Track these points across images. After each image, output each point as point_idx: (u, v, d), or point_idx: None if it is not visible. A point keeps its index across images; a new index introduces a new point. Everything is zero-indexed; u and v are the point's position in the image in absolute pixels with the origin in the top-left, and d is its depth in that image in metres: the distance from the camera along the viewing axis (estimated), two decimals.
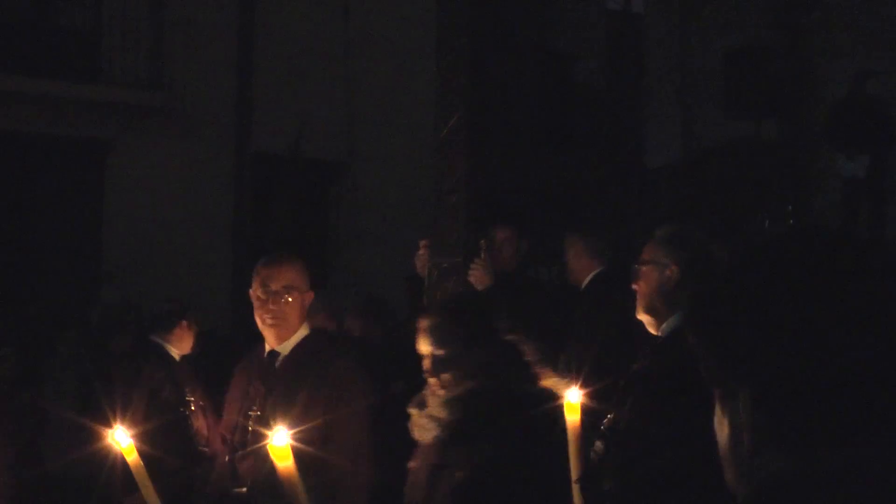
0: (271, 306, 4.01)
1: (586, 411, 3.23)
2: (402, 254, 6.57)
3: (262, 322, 4.07)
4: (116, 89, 13.54)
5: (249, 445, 3.91)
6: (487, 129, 19.23)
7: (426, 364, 3.75)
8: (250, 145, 14.31)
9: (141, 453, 3.26)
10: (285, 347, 4.07)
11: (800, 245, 1.41)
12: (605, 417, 3.45)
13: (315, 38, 14.42)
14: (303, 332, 4.10)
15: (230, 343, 9.80)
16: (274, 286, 4.03)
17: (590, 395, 3.40)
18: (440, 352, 3.71)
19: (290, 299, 4.01)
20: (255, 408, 3.97)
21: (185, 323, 6.54)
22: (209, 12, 14.22)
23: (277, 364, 4.06)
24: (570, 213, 18.34)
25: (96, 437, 4.75)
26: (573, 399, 3.35)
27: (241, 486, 3.91)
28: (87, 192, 13.74)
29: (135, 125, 13.74)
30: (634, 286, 3.60)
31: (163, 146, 13.90)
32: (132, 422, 5.14)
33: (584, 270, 5.52)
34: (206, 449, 6.04)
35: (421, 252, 5.46)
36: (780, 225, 12.03)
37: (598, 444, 3.39)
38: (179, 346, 6.54)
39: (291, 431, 2.70)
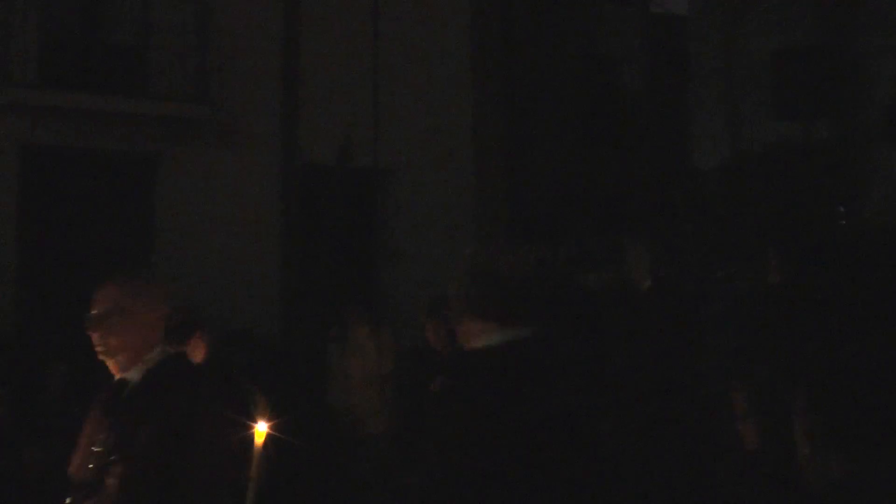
0: (92, 333, 3.67)
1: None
2: (451, 260, 6.53)
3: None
4: (164, 103, 13.67)
5: (90, 485, 3.48)
6: (533, 134, 19.20)
7: None
8: (297, 156, 14.38)
9: None
10: (133, 376, 3.65)
11: (856, 249, 1.44)
12: None
13: (360, 48, 14.47)
14: (156, 356, 3.65)
15: (279, 351, 9.85)
16: (93, 310, 3.74)
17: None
18: None
19: (115, 324, 3.64)
20: (98, 444, 3.53)
21: (198, 333, 6.52)
22: (254, 25, 14.32)
23: (125, 395, 3.62)
24: (618, 216, 18.26)
25: None
26: (261, 429, 3.43)
27: None
28: (138, 205, 13.87)
29: (183, 138, 13.87)
30: None
31: (211, 158, 14.01)
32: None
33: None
34: None
35: (462, 265, 5.48)
36: (832, 225, 11.89)
37: None
38: (194, 357, 6.55)
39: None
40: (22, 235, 13.07)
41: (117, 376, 3.66)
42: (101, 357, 3.66)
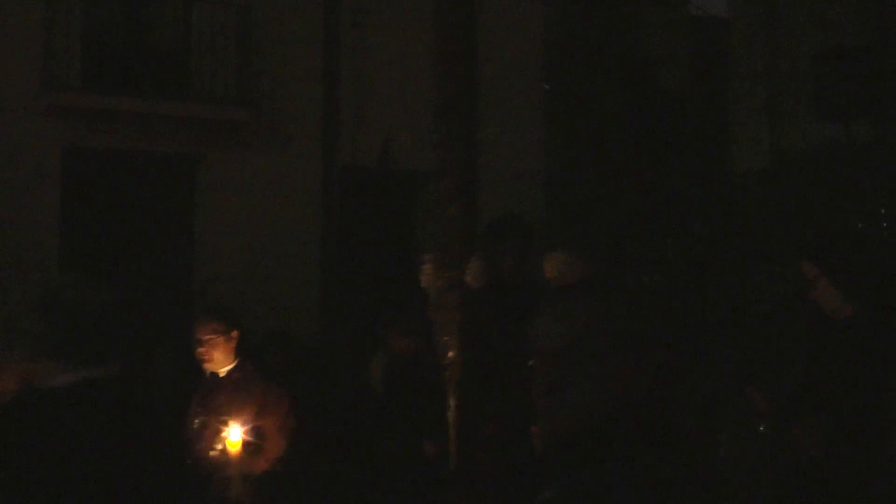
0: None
1: None
2: None
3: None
4: (205, 106, 13.77)
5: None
6: (574, 136, 19.18)
7: None
8: (337, 158, 14.44)
9: None
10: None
11: None
12: None
13: (401, 51, 14.50)
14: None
15: (320, 351, 9.87)
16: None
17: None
18: None
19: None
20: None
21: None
22: (295, 28, 14.39)
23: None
24: (659, 218, 18.19)
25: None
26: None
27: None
28: (179, 206, 13.98)
29: (224, 140, 13.96)
30: None
31: (252, 161, 14.09)
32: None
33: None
34: None
35: (426, 266, 5.42)
36: (874, 228, 11.78)
37: None
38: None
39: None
40: (65, 237, 13.20)
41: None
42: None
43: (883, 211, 12.93)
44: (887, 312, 3.76)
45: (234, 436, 5.12)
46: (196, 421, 5.49)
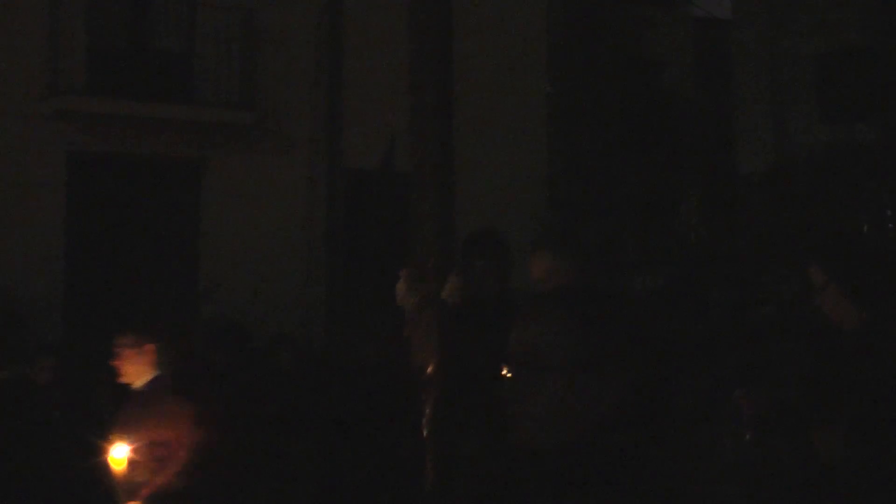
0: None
1: None
2: None
3: None
4: (209, 109, 13.80)
5: None
6: (577, 137, 19.18)
7: None
8: (342, 161, 14.47)
9: None
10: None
11: None
12: None
13: (403, 53, 14.50)
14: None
15: (326, 355, 9.89)
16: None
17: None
18: None
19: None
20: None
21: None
22: (298, 32, 14.42)
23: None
24: (662, 220, 18.19)
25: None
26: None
27: None
28: (183, 210, 14.00)
29: (228, 144, 13.99)
30: None
31: (256, 164, 14.12)
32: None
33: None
34: None
35: (400, 283, 5.33)
36: (878, 230, 11.79)
37: None
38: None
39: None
40: (70, 241, 13.22)
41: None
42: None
43: (889, 212, 12.94)
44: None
45: (118, 453, 5.07)
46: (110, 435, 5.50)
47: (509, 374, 4.49)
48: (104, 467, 5.15)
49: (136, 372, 5.45)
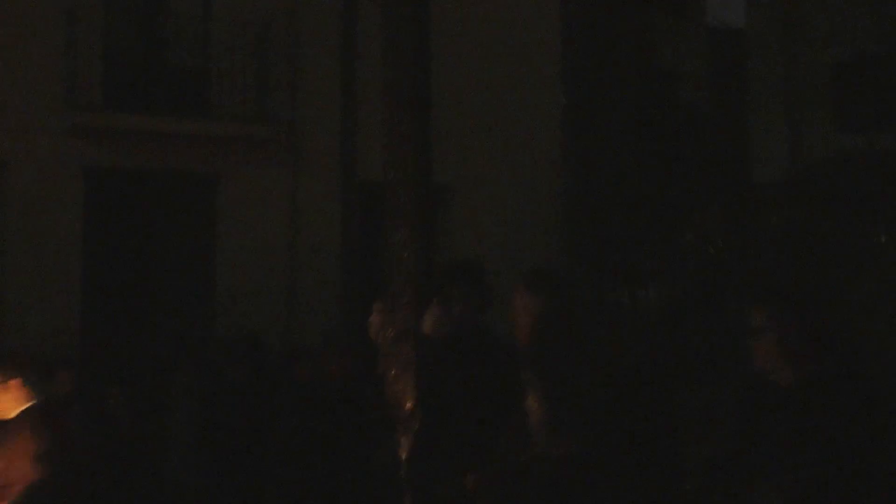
0: None
1: None
2: (508, 278, 6.51)
3: None
4: (225, 124, 13.85)
5: None
6: (593, 148, 19.17)
7: None
8: (356, 174, 14.48)
9: None
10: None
11: None
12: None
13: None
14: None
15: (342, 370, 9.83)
16: None
17: None
18: None
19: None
20: None
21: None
22: (313, 46, 14.45)
23: None
24: (678, 230, 18.13)
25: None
26: None
27: None
28: (200, 224, 14.04)
29: (244, 158, 14.03)
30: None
31: (271, 177, 14.15)
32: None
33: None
34: None
35: (374, 316, 5.16)
36: None
37: None
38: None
39: None
40: (87, 256, 13.27)
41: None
42: None
43: None
44: (832, 385, 3.35)
45: None
46: None
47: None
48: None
49: (5, 405, 5.50)
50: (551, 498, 3.73)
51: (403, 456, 4.46)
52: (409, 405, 4.44)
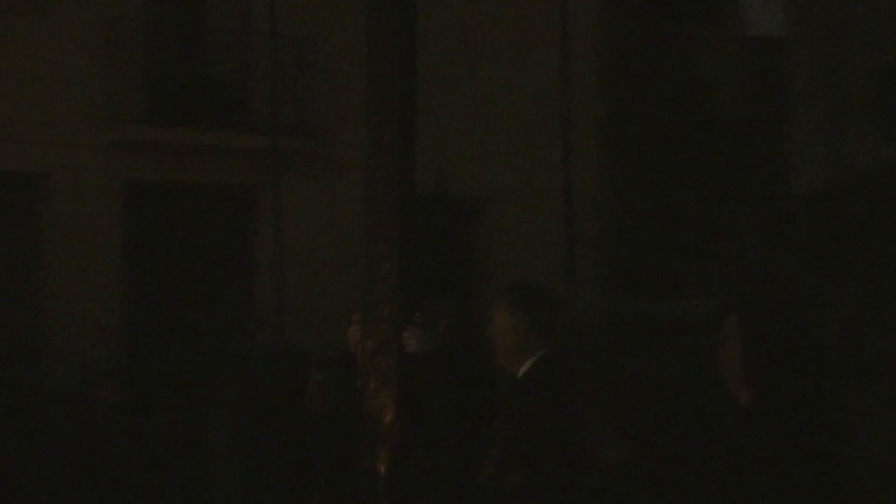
0: None
1: None
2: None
3: None
4: (265, 137, 13.90)
5: None
6: (628, 159, 19.09)
7: None
8: None
9: None
10: None
11: None
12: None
13: (455, 79, 14.55)
14: None
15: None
16: None
17: None
18: None
19: None
20: None
21: None
22: (351, 59, 14.50)
23: None
24: (715, 240, 18.01)
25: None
26: None
27: None
28: (240, 236, 14.11)
29: (283, 170, 14.08)
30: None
31: (311, 189, 14.19)
32: None
33: None
34: None
35: (353, 328, 5.06)
36: None
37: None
38: None
39: None
40: (127, 268, 13.36)
41: None
42: None
43: None
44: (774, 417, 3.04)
45: None
46: None
47: None
48: None
49: None
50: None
51: (382, 470, 4.34)
52: (388, 419, 4.32)
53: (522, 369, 3.91)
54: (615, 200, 17.80)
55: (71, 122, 13.09)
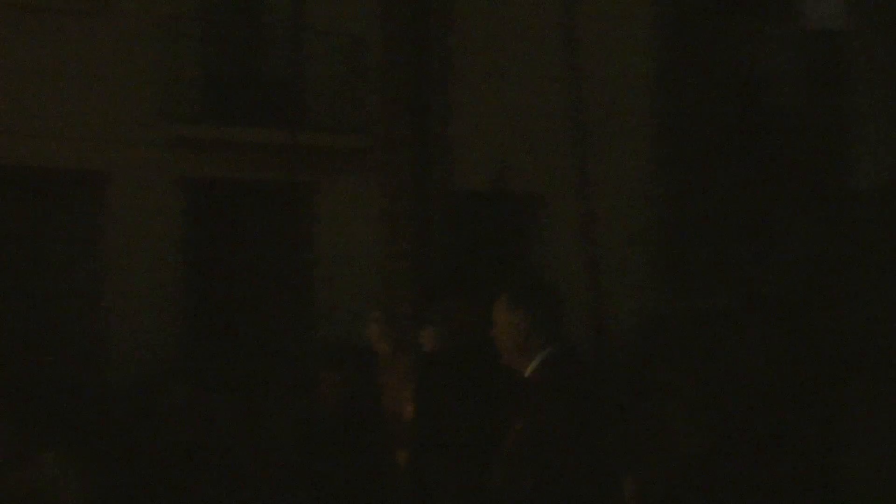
0: None
1: None
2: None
3: None
4: (321, 134, 13.93)
5: None
6: (686, 155, 18.92)
7: None
8: (452, 182, 14.48)
9: None
10: None
11: None
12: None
13: (511, 76, 14.50)
14: None
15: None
16: None
17: None
18: None
19: None
20: None
21: None
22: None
23: None
24: (773, 237, 17.79)
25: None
26: None
27: None
28: (297, 233, 14.15)
29: (339, 167, 14.11)
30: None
31: (367, 187, 14.19)
32: None
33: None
34: None
35: (373, 327, 4.99)
36: None
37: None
38: None
39: None
40: (187, 266, 13.44)
41: None
42: None
43: None
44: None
45: None
46: None
47: None
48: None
49: None
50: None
51: (403, 465, 4.37)
52: (407, 416, 4.34)
53: (529, 369, 3.82)
54: (671, 198, 17.65)
55: (129, 121, 13.20)
